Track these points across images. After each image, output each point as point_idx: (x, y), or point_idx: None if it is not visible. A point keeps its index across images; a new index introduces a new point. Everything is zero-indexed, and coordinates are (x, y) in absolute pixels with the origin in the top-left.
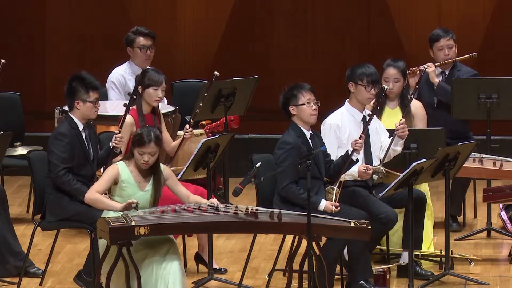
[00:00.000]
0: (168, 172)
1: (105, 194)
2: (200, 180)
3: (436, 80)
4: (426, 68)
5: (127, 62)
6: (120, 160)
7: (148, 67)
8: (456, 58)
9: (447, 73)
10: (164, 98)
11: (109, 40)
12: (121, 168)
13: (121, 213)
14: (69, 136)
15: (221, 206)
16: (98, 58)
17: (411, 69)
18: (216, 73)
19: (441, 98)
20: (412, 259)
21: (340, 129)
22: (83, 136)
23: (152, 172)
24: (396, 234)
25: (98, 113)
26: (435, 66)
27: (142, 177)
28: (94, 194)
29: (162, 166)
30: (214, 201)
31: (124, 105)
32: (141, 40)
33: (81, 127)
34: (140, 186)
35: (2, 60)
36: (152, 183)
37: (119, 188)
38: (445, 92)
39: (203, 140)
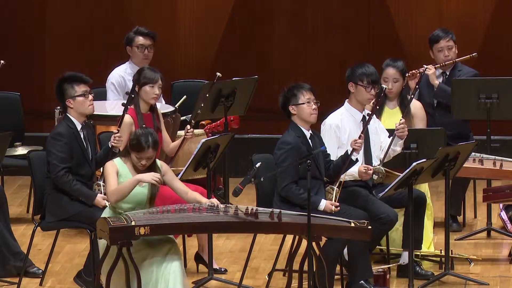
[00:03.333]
0: (165, 168)
1: (100, 189)
2: (200, 180)
3: (436, 82)
4: (426, 69)
5: (127, 62)
6: (117, 157)
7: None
8: (456, 59)
9: (448, 73)
10: (162, 98)
11: (109, 40)
12: (118, 164)
13: (121, 213)
14: (67, 136)
15: (221, 206)
16: (98, 58)
17: (411, 72)
18: (218, 74)
19: (441, 100)
20: (412, 259)
21: (340, 129)
22: (81, 136)
23: (148, 167)
24: (396, 232)
25: (98, 113)
26: (435, 68)
27: (139, 172)
28: (112, 190)
29: (158, 161)
30: (214, 200)
31: (122, 104)
32: (140, 40)
33: (79, 126)
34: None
35: (2, 61)
36: None
37: (118, 184)
38: (445, 94)
39: (203, 140)
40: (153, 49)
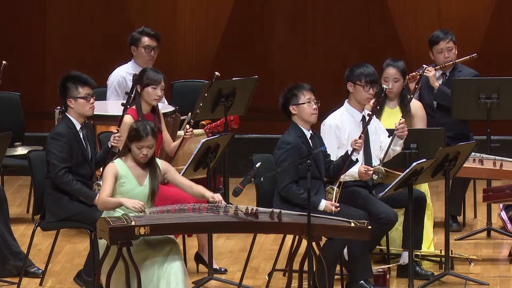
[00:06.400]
0: (165, 166)
1: (98, 186)
2: (200, 180)
3: (437, 84)
4: (425, 69)
5: (130, 62)
6: (116, 157)
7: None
8: (456, 60)
9: (448, 74)
10: (164, 98)
11: (109, 40)
12: (118, 165)
13: (122, 213)
14: (66, 136)
15: (223, 203)
16: (98, 58)
17: (411, 74)
18: (217, 73)
19: (441, 102)
20: (412, 259)
21: (340, 129)
22: (81, 136)
23: (148, 166)
24: (396, 232)
25: (98, 113)
26: (435, 69)
27: (140, 172)
28: (101, 199)
29: (158, 160)
30: (217, 196)
31: (122, 104)
32: (146, 40)
33: (78, 126)
34: (139, 181)
35: (4, 62)
36: (149, 177)
37: (118, 185)
38: (445, 96)
39: (203, 140)
40: (158, 51)
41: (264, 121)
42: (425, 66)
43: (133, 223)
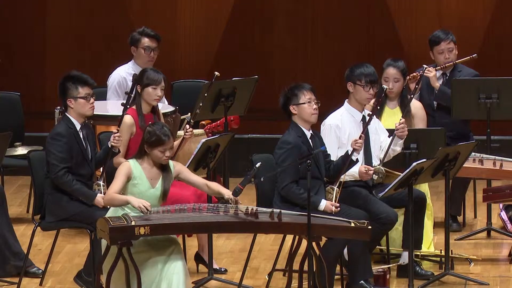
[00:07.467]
0: (179, 167)
1: (100, 189)
2: None
3: (437, 84)
4: (425, 69)
5: (130, 62)
6: (132, 158)
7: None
8: (456, 61)
9: (448, 74)
10: (164, 98)
11: (109, 40)
12: (133, 165)
13: (122, 213)
14: (66, 136)
15: (240, 204)
16: (98, 58)
17: (411, 74)
18: (216, 73)
19: (442, 102)
20: (412, 259)
21: (340, 130)
22: (81, 136)
23: (162, 168)
24: (396, 232)
25: (99, 113)
26: (436, 70)
27: (153, 174)
28: (108, 195)
29: (171, 162)
30: (233, 197)
31: (122, 104)
32: (146, 41)
33: (78, 126)
34: (152, 183)
35: None
36: (162, 179)
37: (131, 185)
38: (445, 97)
39: (203, 140)
40: (158, 51)
41: (264, 121)
42: (425, 66)
43: (133, 223)
